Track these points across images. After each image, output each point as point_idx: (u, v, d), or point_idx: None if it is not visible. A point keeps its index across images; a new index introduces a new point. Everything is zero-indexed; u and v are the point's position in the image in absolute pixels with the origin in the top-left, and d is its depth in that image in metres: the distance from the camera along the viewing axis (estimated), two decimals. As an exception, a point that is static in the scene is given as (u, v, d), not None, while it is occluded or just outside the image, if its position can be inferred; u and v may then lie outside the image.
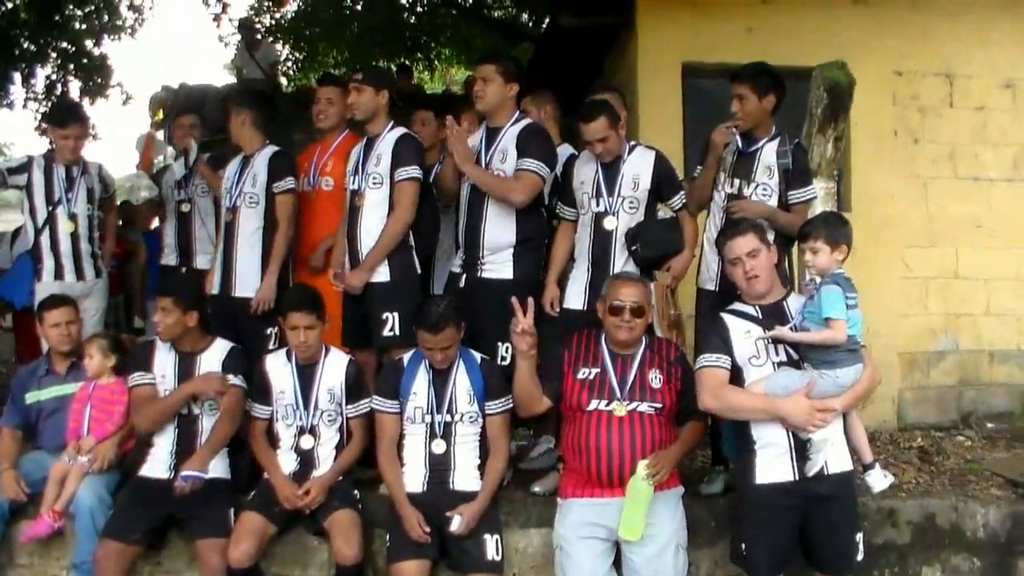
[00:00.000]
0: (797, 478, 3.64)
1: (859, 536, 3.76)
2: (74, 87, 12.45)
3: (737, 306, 3.90)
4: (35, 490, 4.31)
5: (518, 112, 4.67)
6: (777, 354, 3.74)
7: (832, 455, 3.64)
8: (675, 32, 6.45)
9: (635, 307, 3.98)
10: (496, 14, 14.35)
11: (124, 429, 4.37)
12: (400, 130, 4.67)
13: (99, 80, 12.41)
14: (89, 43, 12.30)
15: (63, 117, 5.25)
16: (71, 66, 12.21)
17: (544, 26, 13.04)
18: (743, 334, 3.77)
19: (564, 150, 4.97)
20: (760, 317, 3.79)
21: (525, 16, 14.10)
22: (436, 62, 15.55)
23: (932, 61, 6.68)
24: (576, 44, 7.47)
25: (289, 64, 14.18)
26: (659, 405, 3.97)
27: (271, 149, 4.91)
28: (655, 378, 4.01)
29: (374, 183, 4.58)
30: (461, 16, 14.02)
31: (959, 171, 6.69)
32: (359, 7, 13.99)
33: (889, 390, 6.35)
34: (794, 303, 3.83)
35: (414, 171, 4.55)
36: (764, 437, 3.70)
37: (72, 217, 5.19)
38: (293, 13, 14.32)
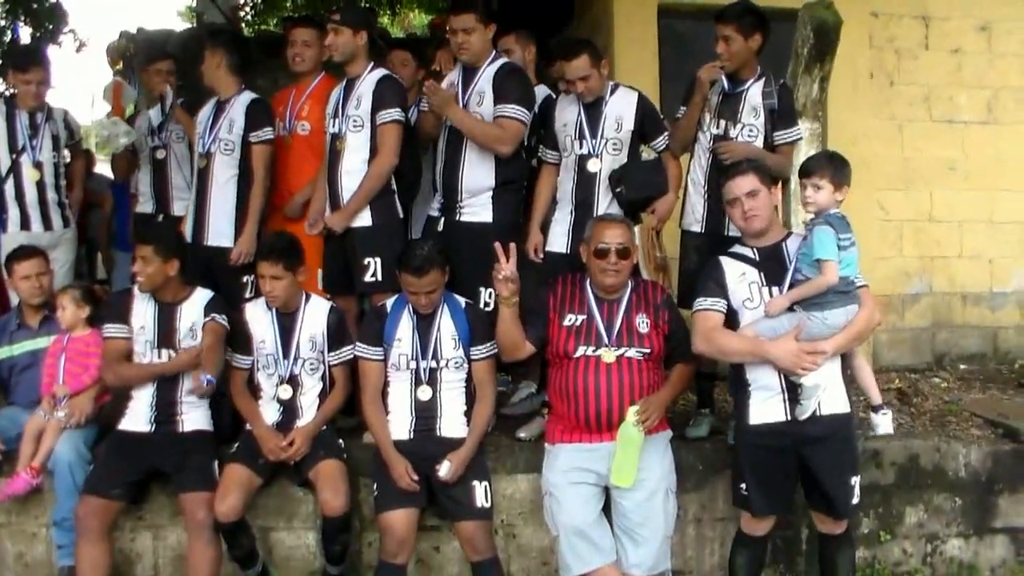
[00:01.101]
0: (789, 419, 3.63)
1: (855, 479, 3.74)
2: (24, 34, 12.02)
3: (735, 248, 3.85)
4: (10, 447, 4.22)
5: (494, 52, 4.55)
6: (771, 296, 3.70)
7: (826, 397, 3.62)
8: (650, -28, 6.33)
9: (620, 248, 3.93)
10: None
11: (101, 382, 4.26)
12: (381, 71, 4.54)
13: (51, 26, 11.94)
14: (39, -14, 11.84)
15: (24, 61, 5.08)
16: (20, 12, 11.77)
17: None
18: (738, 276, 3.73)
19: (540, 91, 4.86)
20: (757, 260, 3.76)
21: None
22: (398, 7, 15.21)
23: (908, 3, 6.63)
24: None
25: (247, 9, 13.79)
26: (647, 350, 3.94)
27: (248, 96, 4.76)
28: (642, 322, 3.98)
29: (355, 126, 4.45)
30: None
31: (934, 114, 6.68)
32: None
33: (865, 332, 6.36)
34: (793, 245, 3.78)
35: (396, 113, 4.43)
36: (757, 380, 3.69)
37: (37, 165, 5.04)
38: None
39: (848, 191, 3.71)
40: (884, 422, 4.07)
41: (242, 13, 10.54)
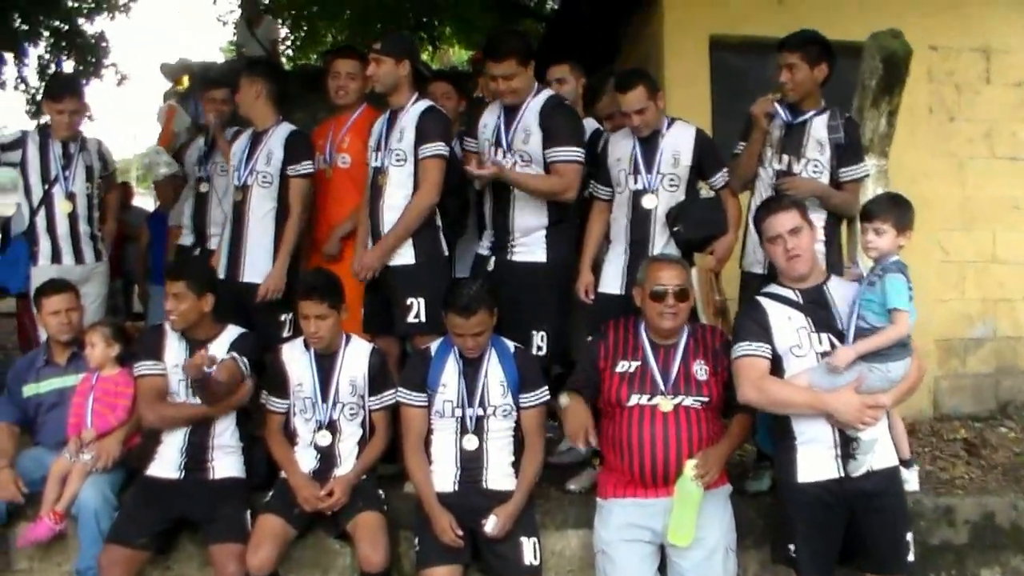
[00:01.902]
0: (842, 475, 3.39)
1: (909, 535, 3.49)
2: (68, 67, 12.12)
3: (775, 289, 3.63)
4: (34, 489, 4.01)
5: (536, 85, 4.33)
6: (821, 343, 3.47)
7: (878, 451, 3.40)
8: (702, 4, 6.16)
9: (678, 291, 3.70)
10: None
11: (129, 424, 4.06)
12: (425, 103, 4.35)
13: (93, 59, 12.11)
14: (82, 21, 11.97)
15: (58, 90, 4.94)
16: (64, 45, 11.88)
17: (553, 3, 12.79)
18: (784, 320, 3.51)
19: (588, 124, 4.67)
20: (801, 303, 3.53)
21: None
22: (437, 42, 15.20)
23: (969, 36, 6.41)
24: (593, 20, 7.17)
25: (287, 43, 13.83)
26: (705, 399, 3.70)
27: (287, 127, 4.58)
28: (700, 369, 3.74)
29: (398, 160, 4.26)
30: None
31: (996, 150, 6.44)
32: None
33: (926, 379, 6.06)
34: (836, 288, 3.57)
35: (440, 148, 4.23)
36: (806, 432, 3.45)
37: (70, 196, 4.89)
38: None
39: (911, 235, 3.48)
40: (912, 478, 3.87)
41: (282, 47, 10.48)
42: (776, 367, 3.49)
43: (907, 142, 6.15)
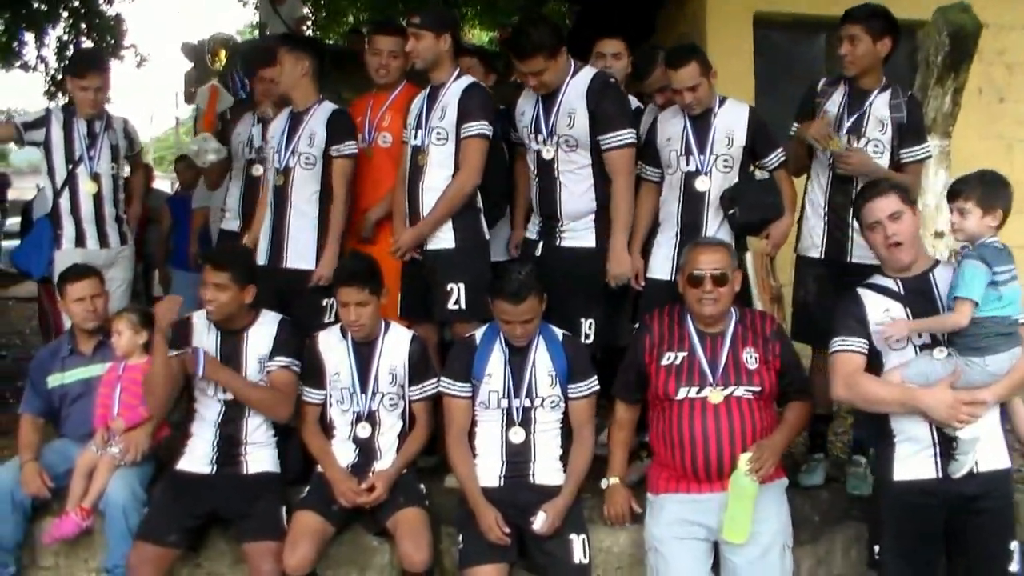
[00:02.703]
0: (941, 476, 3.20)
1: (1014, 544, 3.26)
2: (86, 48, 11.97)
3: (877, 279, 3.42)
4: (59, 484, 3.86)
5: (571, 65, 4.11)
6: (920, 336, 3.27)
7: (984, 451, 3.18)
8: (747, -19, 5.96)
9: (717, 275, 3.51)
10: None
11: (157, 415, 3.89)
12: (468, 79, 4.16)
13: (112, 41, 11.92)
14: (102, 2, 11.80)
15: (82, 66, 4.76)
16: (83, 26, 11.72)
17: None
18: (882, 312, 3.30)
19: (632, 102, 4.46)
20: (902, 293, 3.32)
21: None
22: (460, 23, 14.98)
23: (1021, 13, 6.16)
24: (626, 2, 6.97)
25: (308, 23, 13.63)
26: (757, 388, 3.52)
27: (329, 106, 4.37)
28: (750, 357, 3.56)
29: (438, 139, 4.08)
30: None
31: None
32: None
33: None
34: (942, 275, 3.34)
35: (483, 127, 4.04)
36: (904, 430, 3.26)
37: (95, 177, 4.73)
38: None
39: (1000, 216, 3.20)
40: None
41: (304, 27, 10.29)
42: (876, 361, 3.30)
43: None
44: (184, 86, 10.62)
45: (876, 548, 3.33)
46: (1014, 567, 3.25)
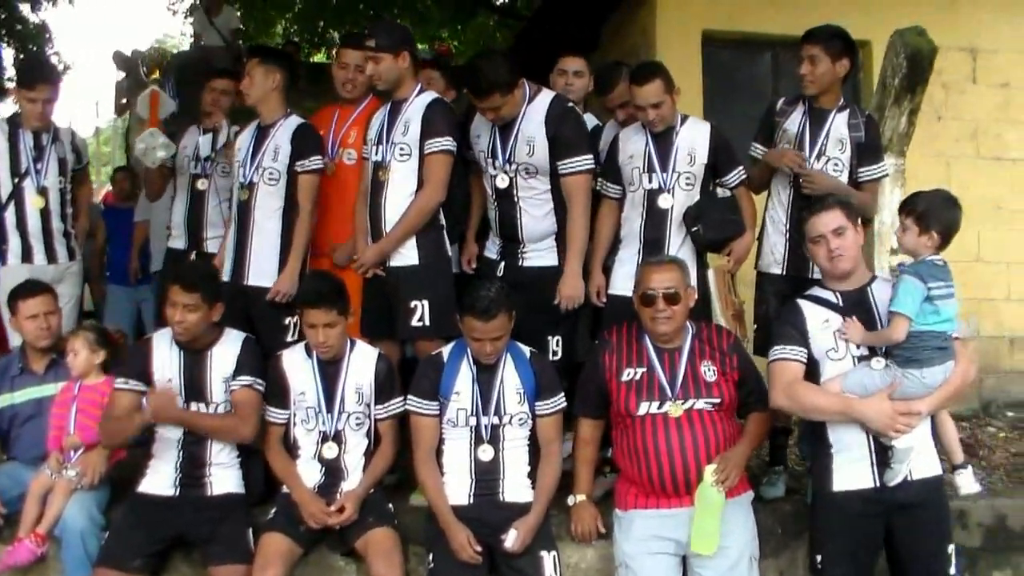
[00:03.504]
0: (878, 486, 3.28)
1: (951, 548, 3.39)
2: (8, 56, 11.63)
3: (815, 291, 3.51)
4: (12, 509, 3.75)
5: (528, 92, 4.10)
6: (858, 347, 3.36)
7: (918, 460, 3.28)
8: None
9: (669, 293, 3.56)
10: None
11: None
12: (430, 94, 4.15)
13: (35, 48, 11.60)
14: (25, 9, 11.48)
15: (30, 76, 4.62)
16: (4, 32, 11.39)
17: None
18: (821, 324, 3.39)
19: (587, 120, 4.52)
20: (841, 305, 3.41)
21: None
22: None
23: (956, 35, 6.39)
24: (579, 11, 7.02)
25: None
26: (717, 400, 3.57)
27: (296, 120, 4.30)
28: (708, 370, 3.61)
29: (401, 154, 4.05)
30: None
31: (982, 150, 6.46)
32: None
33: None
34: (880, 290, 3.44)
35: (447, 143, 4.03)
36: (842, 440, 3.34)
37: (42, 191, 4.59)
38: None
39: (936, 239, 3.29)
40: (967, 482, 3.72)
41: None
42: (813, 371, 3.37)
43: (896, 141, 6.18)
44: (115, 96, 10.41)
45: (819, 557, 3.40)
46: (952, 569, 3.37)
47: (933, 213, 3.31)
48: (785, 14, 5.83)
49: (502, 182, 4.09)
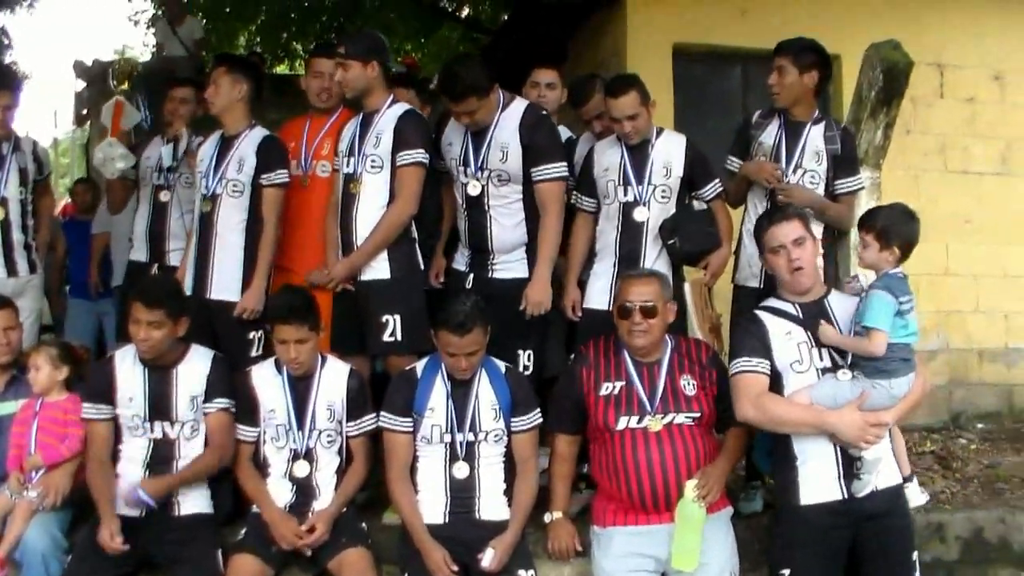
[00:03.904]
0: (846, 497, 3.26)
1: (915, 555, 3.38)
2: (-5, 63, 11.34)
3: (773, 303, 3.49)
4: (-31, 532, 3.59)
5: (502, 98, 4.07)
6: (822, 359, 3.35)
7: (882, 469, 3.28)
8: (666, 12, 6.09)
9: (647, 307, 3.52)
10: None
11: (79, 456, 3.67)
12: (402, 106, 4.08)
13: (-6, 56, 11.33)
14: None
15: None
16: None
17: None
18: (783, 336, 3.37)
19: (561, 132, 4.46)
20: (801, 317, 3.40)
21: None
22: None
23: (924, 50, 6.40)
24: (543, 27, 7.00)
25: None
26: (697, 414, 3.54)
27: (261, 132, 4.21)
28: (688, 384, 3.58)
29: (373, 166, 3.99)
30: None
31: (949, 164, 6.52)
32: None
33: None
34: (836, 302, 3.45)
35: (420, 155, 3.97)
36: (807, 452, 3.31)
37: (2, 202, 4.46)
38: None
39: (899, 254, 3.31)
40: (914, 494, 3.70)
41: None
42: (775, 383, 3.34)
43: (864, 154, 6.21)
44: (74, 107, 10.22)
45: (786, 572, 3.33)
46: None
47: (893, 228, 3.32)
48: (755, 28, 5.86)
49: (473, 189, 4.04)
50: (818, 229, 3.96)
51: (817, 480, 3.28)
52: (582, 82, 4.48)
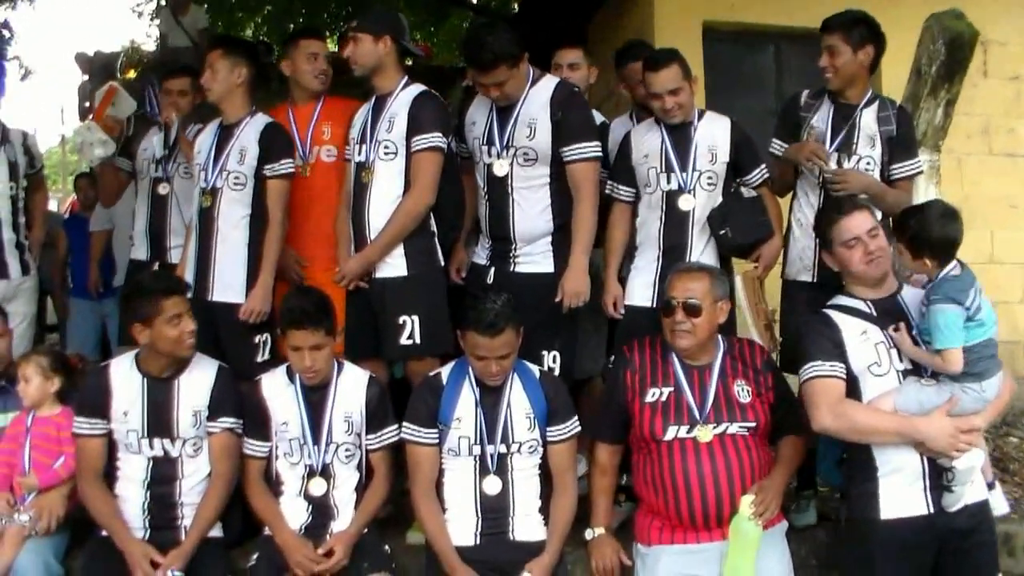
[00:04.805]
0: (933, 511, 2.97)
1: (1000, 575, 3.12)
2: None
3: (843, 300, 3.21)
4: (-44, 558, 3.30)
5: (531, 73, 3.77)
6: (902, 360, 3.07)
7: (974, 480, 3.01)
8: (695, -11, 5.75)
9: (690, 304, 3.23)
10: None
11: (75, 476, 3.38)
12: (418, 87, 3.78)
13: (-4, 50, 11.12)
14: (-18, 8, 10.99)
15: None
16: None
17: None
18: (858, 336, 3.09)
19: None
20: (875, 314, 3.12)
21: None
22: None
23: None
24: (559, 11, 6.70)
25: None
26: (752, 424, 3.25)
27: (263, 119, 3.92)
28: (742, 391, 3.29)
29: (386, 153, 3.69)
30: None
31: (994, 147, 6.20)
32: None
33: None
34: (910, 298, 3.16)
35: (437, 139, 3.66)
36: (891, 462, 3.02)
37: None
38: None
39: (931, 266, 2.99)
40: (998, 501, 3.38)
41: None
42: (852, 388, 3.06)
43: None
44: (78, 100, 10.02)
45: None
46: None
47: (923, 235, 3.01)
48: (788, 5, 5.58)
49: (498, 169, 3.74)
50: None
51: (901, 492, 3.02)
52: (628, 45, 4.22)
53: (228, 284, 3.80)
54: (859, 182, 3.65)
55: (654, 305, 3.65)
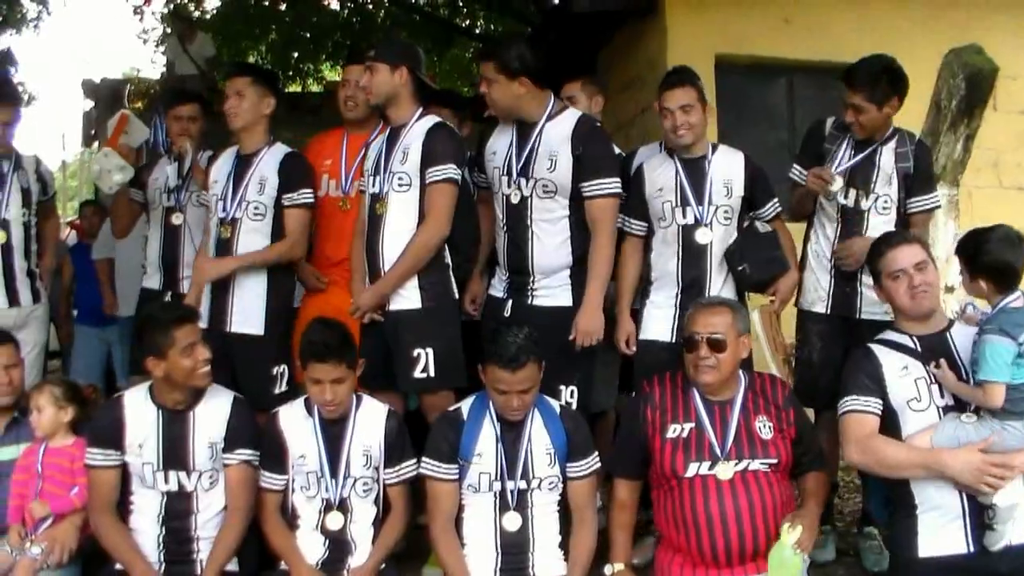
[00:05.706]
0: (973, 551, 2.91)
1: None
2: (-6, 75, 11.15)
3: (889, 335, 3.19)
4: (-35, 592, 3.26)
5: (551, 103, 3.76)
6: (943, 396, 3.03)
7: (1018, 518, 2.92)
8: (707, 21, 5.82)
9: (714, 339, 3.19)
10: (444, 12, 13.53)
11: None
12: (432, 119, 3.76)
13: (-3, 73, 11.12)
14: (-14, 34, 11.07)
15: None
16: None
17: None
18: (899, 371, 3.07)
19: None
20: (919, 350, 3.09)
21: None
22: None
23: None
24: (571, 39, 6.70)
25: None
26: (774, 460, 3.19)
27: (282, 149, 3.91)
28: (764, 427, 3.24)
29: (400, 184, 3.66)
30: (404, 12, 13.13)
31: (1004, 180, 6.18)
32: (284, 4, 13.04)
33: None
34: (960, 335, 3.12)
35: (451, 171, 3.63)
36: (929, 499, 2.99)
37: (3, 225, 4.16)
38: (218, 7, 13.26)
39: (984, 284, 2.98)
40: None
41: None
42: (892, 422, 3.05)
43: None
44: (83, 127, 10.04)
45: None
46: None
47: (979, 257, 3.01)
48: (800, 37, 5.62)
49: (516, 198, 3.71)
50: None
51: (940, 530, 2.98)
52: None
53: (247, 316, 3.77)
54: (863, 249, 3.58)
55: (673, 340, 3.62)
